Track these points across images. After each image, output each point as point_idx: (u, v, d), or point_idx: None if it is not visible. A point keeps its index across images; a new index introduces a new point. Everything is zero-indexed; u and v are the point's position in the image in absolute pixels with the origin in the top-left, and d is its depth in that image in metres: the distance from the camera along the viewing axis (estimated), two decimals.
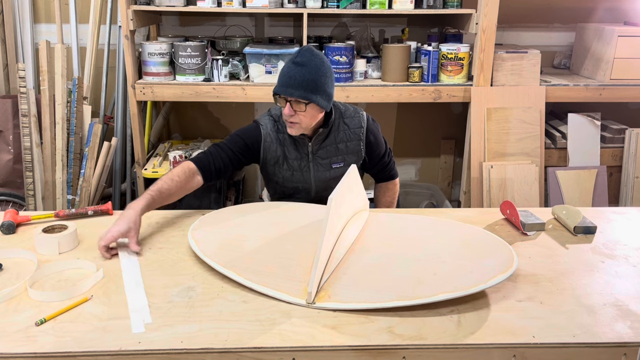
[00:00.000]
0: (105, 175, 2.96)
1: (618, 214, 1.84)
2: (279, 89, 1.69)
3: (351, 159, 1.87)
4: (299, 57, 1.68)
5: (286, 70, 1.69)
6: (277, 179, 1.89)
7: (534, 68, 2.90)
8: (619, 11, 3.35)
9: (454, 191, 3.72)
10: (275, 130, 1.83)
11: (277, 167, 1.86)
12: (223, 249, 1.45)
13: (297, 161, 1.85)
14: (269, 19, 3.33)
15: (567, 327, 1.19)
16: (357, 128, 1.86)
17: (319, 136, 1.82)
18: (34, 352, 1.08)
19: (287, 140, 1.83)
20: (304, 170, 1.86)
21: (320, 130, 1.81)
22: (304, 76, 1.65)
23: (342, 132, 1.85)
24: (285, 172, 1.86)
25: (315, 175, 1.87)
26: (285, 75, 1.68)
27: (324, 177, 1.87)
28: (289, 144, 1.83)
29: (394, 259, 1.41)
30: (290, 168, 1.85)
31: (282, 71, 1.70)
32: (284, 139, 1.83)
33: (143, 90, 2.79)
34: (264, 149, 1.83)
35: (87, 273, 1.38)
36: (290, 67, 1.68)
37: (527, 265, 1.46)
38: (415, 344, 1.13)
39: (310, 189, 1.89)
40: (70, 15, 3.05)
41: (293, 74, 1.66)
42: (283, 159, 1.84)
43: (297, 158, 1.85)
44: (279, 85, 1.69)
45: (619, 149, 3.06)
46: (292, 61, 1.69)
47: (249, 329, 1.17)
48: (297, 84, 1.65)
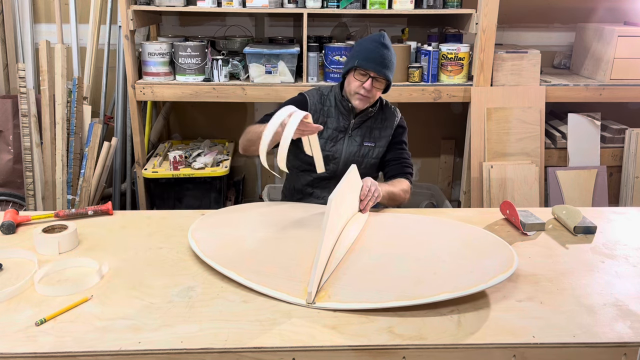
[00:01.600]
0: (105, 175, 2.96)
1: (618, 214, 1.84)
2: (370, 65, 1.81)
3: (381, 141, 2.00)
4: (385, 40, 1.85)
5: (374, 49, 1.83)
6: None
7: (534, 68, 2.89)
8: (619, 11, 3.35)
9: (454, 191, 3.72)
10: (320, 102, 1.98)
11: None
12: (223, 249, 1.45)
13: (335, 132, 1.96)
14: (269, 19, 3.33)
15: (567, 327, 1.19)
16: (391, 120, 2.02)
17: (364, 115, 1.96)
18: (34, 352, 1.08)
19: (332, 112, 1.97)
20: (338, 141, 1.97)
21: (370, 109, 1.96)
22: (391, 59, 1.85)
23: (380, 119, 2.01)
24: (320, 140, 1.85)
25: (347, 149, 1.97)
26: (376, 54, 1.82)
27: (354, 151, 1.98)
28: (332, 116, 1.97)
29: (394, 259, 1.41)
30: (326, 137, 1.95)
31: (366, 48, 1.84)
32: (328, 111, 1.97)
33: (143, 90, 2.79)
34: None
35: (89, 270, 1.38)
36: (378, 48, 1.83)
37: (527, 265, 1.46)
38: (415, 344, 1.13)
39: (339, 160, 1.98)
40: (70, 15, 3.05)
41: (384, 54, 1.83)
42: (323, 127, 1.87)
43: (336, 129, 1.96)
44: (371, 62, 1.81)
45: (619, 149, 3.06)
46: (378, 42, 1.84)
47: (249, 329, 1.17)
48: (387, 64, 1.83)
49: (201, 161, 2.89)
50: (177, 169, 2.83)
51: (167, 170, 2.84)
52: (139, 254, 1.49)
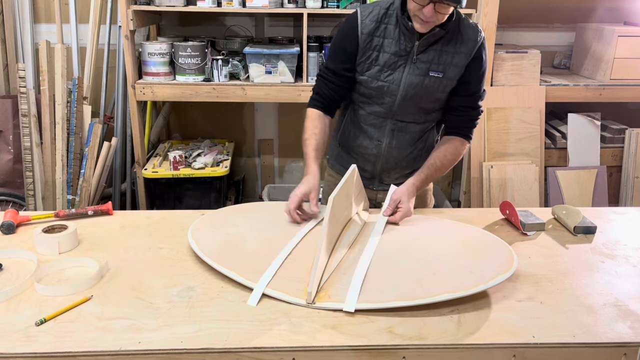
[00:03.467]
0: (105, 175, 2.96)
1: (618, 214, 1.84)
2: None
3: (452, 71, 1.65)
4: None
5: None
6: (364, 76, 1.68)
7: (534, 68, 2.90)
8: (619, 11, 3.35)
9: (454, 191, 3.72)
10: (377, 21, 1.64)
11: (369, 62, 1.66)
12: (223, 249, 1.45)
13: (394, 57, 1.63)
14: (269, 19, 3.33)
15: (567, 327, 1.19)
16: (471, 40, 1.64)
17: (432, 36, 1.59)
18: (34, 352, 1.08)
19: (391, 31, 1.63)
20: (397, 69, 1.64)
21: (437, 29, 1.58)
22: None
23: (454, 40, 1.63)
24: (374, 68, 1.65)
25: (406, 78, 1.65)
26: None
27: (416, 82, 1.65)
28: (391, 37, 1.63)
29: (394, 258, 1.41)
30: (381, 63, 1.65)
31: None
32: (386, 31, 1.63)
33: (143, 90, 2.79)
34: (362, 43, 1.65)
35: (89, 270, 1.38)
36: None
37: (527, 265, 1.46)
38: (415, 344, 1.13)
39: (397, 92, 1.67)
40: (70, 15, 3.05)
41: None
42: (379, 52, 1.64)
43: (395, 54, 1.63)
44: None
45: (619, 149, 3.06)
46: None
47: (249, 329, 1.16)
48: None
49: (201, 161, 2.89)
50: (177, 169, 2.83)
51: (167, 170, 2.84)
52: (139, 254, 1.49)
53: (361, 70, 1.69)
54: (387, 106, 1.70)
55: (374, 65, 1.66)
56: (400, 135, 1.78)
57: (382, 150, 1.79)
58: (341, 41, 1.69)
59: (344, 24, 1.70)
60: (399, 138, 1.78)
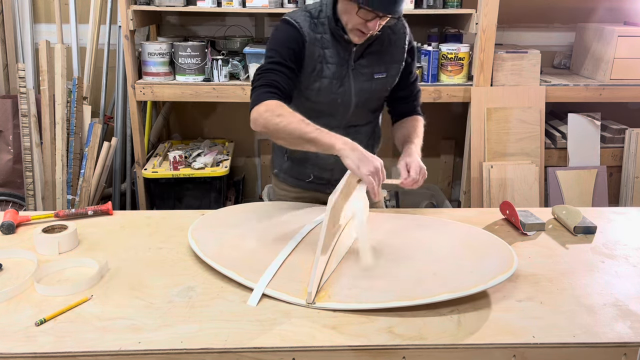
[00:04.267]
0: (105, 175, 2.96)
1: (618, 214, 1.84)
2: (381, 6, 1.45)
3: (394, 69, 1.69)
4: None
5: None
6: (311, 91, 1.64)
7: (534, 68, 2.90)
8: (619, 11, 3.35)
9: (454, 191, 3.72)
10: (313, 30, 1.58)
11: (315, 74, 1.61)
12: (223, 249, 1.45)
13: (338, 67, 1.61)
14: (269, 19, 3.33)
15: (567, 327, 1.19)
16: (401, 32, 1.68)
17: (366, 40, 1.60)
18: (34, 352, 1.08)
19: (328, 41, 1.59)
20: (344, 79, 1.63)
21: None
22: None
23: (387, 37, 1.65)
24: (323, 81, 1.62)
25: (356, 87, 1.64)
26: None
27: (365, 88, 1.66)
28: (330, 46, 1.59)
29: (394, 259, 1.41)
30: (329, 76, 1.61)
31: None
32: (323, 40, 1.59)
33: (143, 90, 2.79)
34: (306, 54, 1.59)
35: (89, 270, 1.38)
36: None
37: (527, 265, 1.46)
38: (415, 344, 1.13)
39: (350, 102, 1.66)
40: (70, 15, 3.05)
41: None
42: (323, 64, 1.60)
43: (337, 64, 1.61)
44: (383, 4, 1.45)
45: (619, 149, 3.06)
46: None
47: (249, 329, 1.16)
48: (401, 1, 1.48)
49: (201, 161, 2.89)
50: (177, 169, 2.83)
51: (167, 170, 2.84)
52: (139, 254, 1.49)
53: (308, 84, 1.62)
54: (340, 116, 1.69)
55: (322, 78, 1.61)
56: (355, 138, 1.73)
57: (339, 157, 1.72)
58: (285, 41, 1.58)
59: (281, 32, 1.60)
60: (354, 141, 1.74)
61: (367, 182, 1.39)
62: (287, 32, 1.59)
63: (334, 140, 1.43)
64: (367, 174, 1.38)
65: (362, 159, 1.39)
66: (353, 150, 1.41)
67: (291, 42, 1.57)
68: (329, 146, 1.43)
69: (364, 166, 1.39)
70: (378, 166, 1.40)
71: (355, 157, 1.40)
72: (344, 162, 1.41)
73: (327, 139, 1.43)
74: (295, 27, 1.58)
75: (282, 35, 1.59)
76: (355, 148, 1.41)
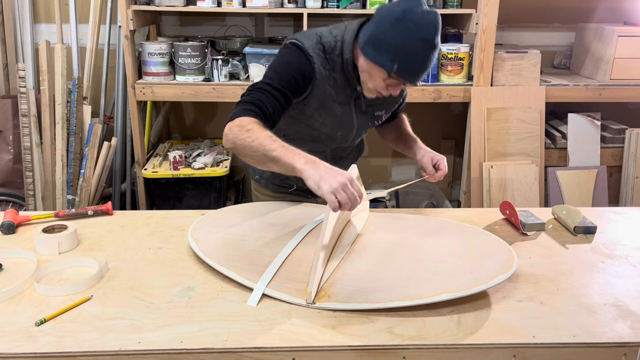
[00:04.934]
0: (105, 175, 2.96)
1: (618, 214, 1.84)
2: (412, 78, 1.42)
3: (392, 105, 1.71)
4: (438, 38, 1.39)
5: (423, 54, 1.39)
6: (314, 121, 1.60)
7: (534, 68, 2.90)
8: (619, 11, 3.35)
9: (454, 191, 3.72)
10: (324, 67, 1.52)
11: (320, 109, 1.58)
12: (223, 249, 1.45)
13: (342, 106, 1.58)
14: (269, 19, 3.33)
15: (567, 327, 1.19)
16: None
17: None
18: (34, 352, 1.08)
19: (337, 80, 1.54)
20: (348, 116, 1.61)
21: None
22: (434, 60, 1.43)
23: None
24: (327, 117, 1.58)
25: (357, 122, 1.63)
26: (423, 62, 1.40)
27: (366, 122, 1.67)
28: (338, 86, 1.55)
29: (394, 259, 1.41)
30: (335, 113, 1.58)
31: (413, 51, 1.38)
32: (332, 78, 1.54)
33: (143, 90, 2.79)
34: (313, 87, 1.53)
35: (89, 270, 1.38)
36: (428, 53, 1.39)
37: (527, 265, 1.46)
38: (415, 344, 1.13)
39: (349, 135, 1.66)
40: (70, 15, 3.05)
41: (432, 60, 1.41)
42: (330, 101, 1.56)
43: (343, 102, 1.58)
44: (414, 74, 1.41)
45: (619, 149, 3.06)
46: (431, 43, 1.38)
47: (249, 329, 1.16)
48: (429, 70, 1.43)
49: (201, 161, 2.89)
50: (177, 169, 2.83)
51: (167, 170, 2.84)
52: (139, 254, 1.49)
53: (311, 114, 1.58)
54: (336, 143, 1.69)
55: (327, 114, 1.58)
56: (341, 159, 1.75)
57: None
58: (292, 70, 1.50)
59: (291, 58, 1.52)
60: (339, 160, 1.73)
61: (328, 200, 1.24)
62: (297, 61, 1.50)
63: (295, 160, 1.30)
64: (327, 192, 1.23)
65: (323, 176, 1.25)
66: (315, 168, 1.27)
67: (297, 72, 1.50)
68: (290, 167, 1.31)
69: (324, 183, 1.24)
70: (343, 181, 1.24)
71: (317, 176, 1.26)
72: (306, 183, 1.28)
73: (288, 159, 1.30)
74: (308, 60, 1.50)
75: (290, 62, 1.51)
76: (318, 166, 1.28)
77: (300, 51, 1.51)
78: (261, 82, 1.50)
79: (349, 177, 1.26)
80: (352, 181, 1.26)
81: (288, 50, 1.53)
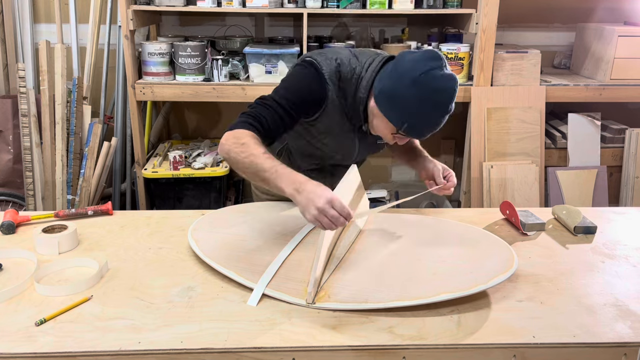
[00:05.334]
0: (105, 175, 2.96)
1: (618, 214, 1.84)
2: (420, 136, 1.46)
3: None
4: (451, 101, 1.40)
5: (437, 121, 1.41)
6: (318, 141, 1.61)
7: (534, 68, 2.90)
8: (619, 11, 3.35)
9: (454, 191, 3.71)
10: (338, 96, 1.50)
11: (326, 132, 1.58)
12: (223, 249, 1.45)
13: (347, 133, 1.59)
14: (269, 19, 3.33)
15: (567, 327, 1.19)
16: None
17: None
18: (34, 352, 1.08)
19: (347, 109, 1.53)
20: (353, 141, 1.62)
21: None
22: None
23: None
24: (331, 141, 1.60)
25: (360, 147, 1.65)
26: (435, 127, 1.42)
27: (368, 149, 1.69)
28: (346, 116, 1.55)
29: (394, 259, 1.41)
30: (339, 137, 1.59)
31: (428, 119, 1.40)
32: (342, 106, 1.53)
33: (143, 90, 2.79)
34: (323, 113, 1.52)
35: (89, 270, 1.38)
36: (441, 117, 1.41)
37: (527, 265, 1.46)
38: (415, 344, 1.13)
39: (351, 158, 1.68)
40: (70, 15, 3.05)
41: (442, 122, 1.43)
42: (336, 126, 1.57)
43: (348, 130, 1.59)
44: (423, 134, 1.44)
45: (619, 149, 3.06)
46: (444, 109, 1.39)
47: (249, 329, 1.16)
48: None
49: (201, 161, 2.89)
50: (177, 169, 2.83)
51: (167, 170, 2.84)
52: (139, 254, 1.49)
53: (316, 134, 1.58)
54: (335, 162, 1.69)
55: (332, 137, 1.59)
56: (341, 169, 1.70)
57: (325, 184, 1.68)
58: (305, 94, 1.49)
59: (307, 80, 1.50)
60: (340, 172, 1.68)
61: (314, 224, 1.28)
62: (312, 84, 1.48)
63: (284, 185, 1.30)
64: (310, 220, 1.26)
65: (306, 204, 1.26)
66: (300, 193, 1.28)
67: (310, 96, 1.49)
68: (279, 190, 1.32)
69: (306, 212, 1.27)
70: (321, 206, 1.24)
71: (301, 204, 1.27)
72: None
73: (278, 182, 1.31)
74: (324, 86, 1.48)
75: (304, 84, 1.50)
76: (302, 190, 1.27)
77: (318, 74, 1.48)
78: (270, 97, 1.48)
79: (328, 200, 1.25)
80: (333, 202, 1.25)
81: (305, 71, 1.51)
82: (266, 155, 1.35)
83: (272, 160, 1.34)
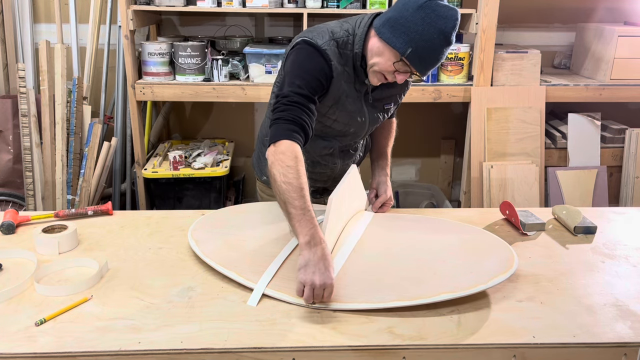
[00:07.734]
0: (105, 175, 2.96)
1: (618, 214, 1.84)
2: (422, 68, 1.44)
3: (398, 97, 1.71)
4: (454, 36, 1.40)
5: (438, 48, 1.40)
6: (328, 119, 1.60)
7: (534, 68, 2.89)
8: (619, 11, 3.35)
9: (454, 191, 3.72)
10: (339, 64, 1.51)
11: (335, 106, 1.57)
12: (223, 249, 1.45)
13: (356, 101, 1.59)
14: (269, 19, 3.33)
15: (567, 327, 1.19)
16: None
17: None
18: (34, 352, 1.08)
19: (350, 75, 1.54)
20: (361, 111, 1.61)
21: None
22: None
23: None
24: (341, 113, 1.59)
25: (370, 118, 1.65)
26: (436, 56, 1.42)
27: (377, 117, 1.68)
28: (350, 80, 1.55)
29: (394, 259, 1.41)
30: (349, 109, 1.59)
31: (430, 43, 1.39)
32: (345, 74, 1.53)
33: (143, 90, 2.79)
34: (331, 85, 1.52)
35: (89, 270, 1.38)
36: (443, 48, 1.41)
37: (527, 265, 1.46)
38: (415, 344, 1.13)
39: (362, 131, 1.67)
40: (70, 15, 3.05)
41: (443, 56, 1.44)
42: (343, 97, 1.56)
43: (356, 97, 1.58)
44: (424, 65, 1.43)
45: (619, 149, 3.06)
46: (448, 40, 1.39)
47: (249, 329, 1.17)
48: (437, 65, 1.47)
49: (201, 161, 2.89)
50: (177, 169, 2.83)
51: (167, 170, 2.84)
52: (139, 254, 1.49)
53: (325, 112, 1.57)
54: (348, 139, 1.69)
55: (341, 111, 1.58)
56: (352, 153, 1.78)
57: (336, 171, 1.78)
58: (316, 73, 1.48)
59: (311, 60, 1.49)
60: (350, 155, 1.77)
61: (297, 286, 1.25)
62: (318, 63, 1.48)
63: (302, 231, 1.28)
64: (299, 280, 1.24)
65: (308, 266, 1.24)
66: (310, 252, 1.26)
67: (320, 74, 1.48)
68: (295, 232, 1.31)
69: (303, 272, 1.24)
70: (316, 282, 1.22)
71: (305, 261, 1.25)
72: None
73: (297, 225, 1.30)
74: (326, 59, 1.48)
75: (311, 65, 1.49)
76: (314, 252, 1.25)
77: (317, 51, 1.48)
78: (291, 92, 1.46)
79: (324, 283, 1.22)
80: (326, 287, 1.23)
81: (304, 52, 1.50)
82: (303, 190, 1.33)
83: (303, 200, 1.31)
